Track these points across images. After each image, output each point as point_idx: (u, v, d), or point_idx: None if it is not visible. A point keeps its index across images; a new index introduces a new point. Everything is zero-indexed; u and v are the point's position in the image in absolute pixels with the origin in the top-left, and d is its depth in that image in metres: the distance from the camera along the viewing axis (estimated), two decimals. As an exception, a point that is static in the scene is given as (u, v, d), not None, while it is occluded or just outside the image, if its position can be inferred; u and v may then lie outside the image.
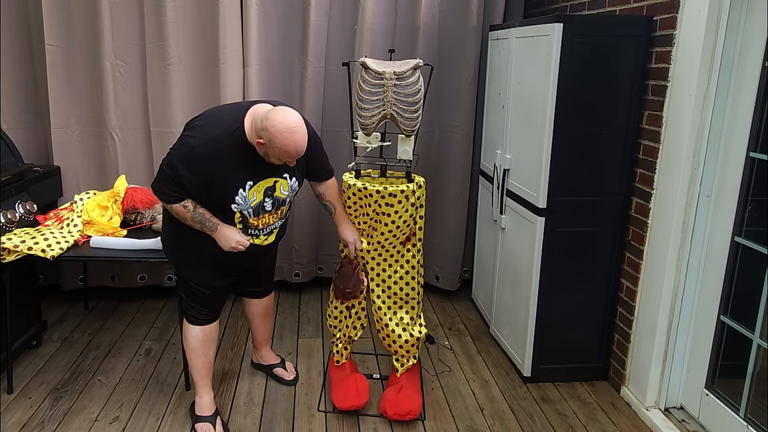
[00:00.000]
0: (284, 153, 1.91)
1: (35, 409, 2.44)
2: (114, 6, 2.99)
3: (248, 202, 2.06)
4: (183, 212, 2.04)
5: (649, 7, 2.37)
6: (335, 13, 3.19)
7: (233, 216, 2.07)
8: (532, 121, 2.53)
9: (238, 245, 2.08)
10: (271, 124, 1.87)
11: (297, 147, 1.91)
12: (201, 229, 2.07)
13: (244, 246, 2.09)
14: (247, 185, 2.03)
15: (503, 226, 2.88)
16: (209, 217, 2.06)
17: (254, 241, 2.16)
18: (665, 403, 2.46)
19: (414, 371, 2.58)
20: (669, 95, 2.27)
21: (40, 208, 2.80)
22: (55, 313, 3.29)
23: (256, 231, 2.15)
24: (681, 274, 2.33)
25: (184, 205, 2.02)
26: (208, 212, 2.06)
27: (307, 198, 3.34)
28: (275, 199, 2.14)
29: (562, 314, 2.64)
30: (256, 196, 2.07)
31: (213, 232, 2.07)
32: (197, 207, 2.04)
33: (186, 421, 2.38)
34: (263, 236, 2.19)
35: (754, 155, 2.06)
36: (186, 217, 2.05)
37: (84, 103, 3.12)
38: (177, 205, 2.02)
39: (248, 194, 2.05)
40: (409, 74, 2.22)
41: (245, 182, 2.03)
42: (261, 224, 2.15)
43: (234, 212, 2.06)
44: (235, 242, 2.07)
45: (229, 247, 2.08)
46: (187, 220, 2.05)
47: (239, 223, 2.10)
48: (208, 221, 2.06)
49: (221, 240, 2.08)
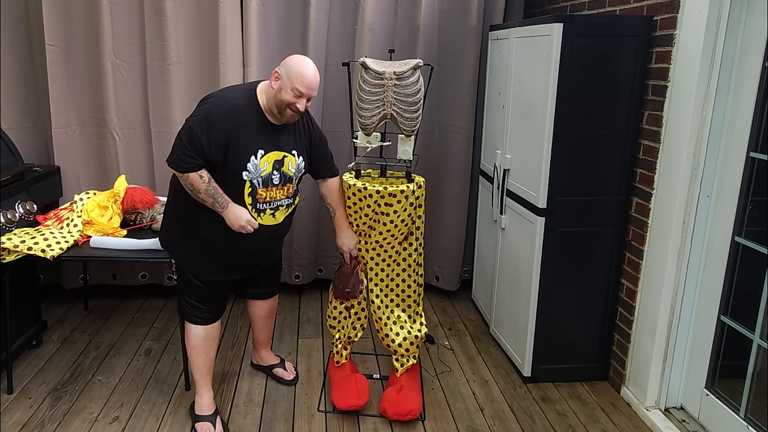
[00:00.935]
0: (299, 76, 2.01)
1: (35, 409, 2.44)
2: (114, 6, 2.99)
3: (258, 171, 2.10)
4: (198, 182, 2.05)
5: (649, 7, 2.37)
6: (335, 13, 3.19)
7: (243, 185, 2.09)
8: (532, 121, 2.52)
9: (247, 224, 2.10)
10: (291, 58, 2.08)
11: (311, 73, 2.03)
12: (212, 205, 2.08)
13: (253, 227, 2.12)
14: (258, 153, 2.09)
15: (503, 226, 2.88)
16: (221, 193, 2.09)
17: (261, 219, 2.16)
18: (665, 403, 2.46)
19: (414, 371, 2.58)
20: (669, 95, 2.27)
21: (40, 208, 2.80)
22: (55, 313, 3.29)
23: (264, 204, 2.16)
24: (681, 274, 2.33)
25: (200, 175, 2.05)
26: (220, 189, 2.08)
27: (307, 199, 3.34)
28: (282, 174, 2.17)
29: (562, 314, 2.64)
30: (266, 167, 2.12)
31: (224, 209, 2.09)
32: (212, 180, 2.07)
33: (186, 421, 2.38)
34: (269, 212, 2.19)
35: (754, 155, 2.05)
36: (200, 188, 2.06)
37: (84, 102, 3.12)
38: (194, 174, 2.04)
39: (259, 162, 2.09)
40: (409, 74, 2.22)
41: (257, 149, 2.08)
42: (269, 197, 2.16)
43: (245, 180, 2.09)
44: (245, 221, 2.10)
45: (239, 226, 2.10)
46: (200, 192, 2.06)
47: (249, 195, 2.11)
48: (221, 197, 2.08)
49: (231, 218, 2.10)
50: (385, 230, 2.34)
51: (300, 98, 2.04)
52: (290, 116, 2.10)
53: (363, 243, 2.43)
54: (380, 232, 2.36)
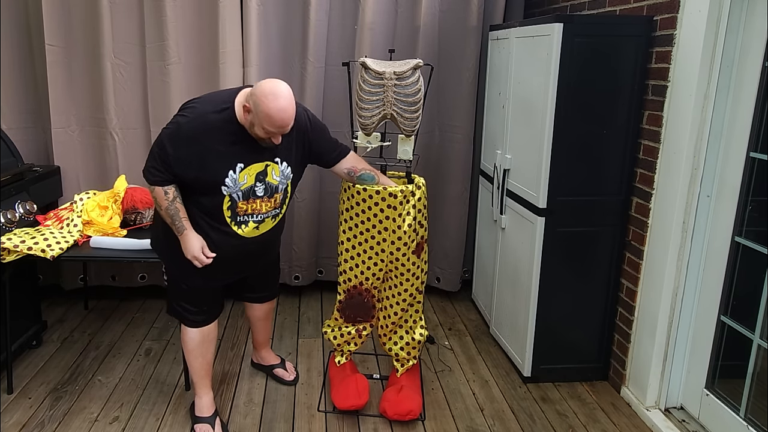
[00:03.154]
0: (267, 118, 1.86)
1: (35, 409, 2.44)
2: (114, 6, 2.99)
3: (238, 185, 2.01)
4: (161, 198, 2.00)
5: (649, 7, 2.37)
6: (335, 13, 3.19)
7: (222, 200, 2.02)
8: (532, 121, 2.52)
9: (196, 258, 2.01)
10: (259, 89, 1.88)
11: (280, 113, 1.86)
12: (171, 224, 2.03)
13: (201, 263, 2.03)
14: (237, 167, 2.00)
15: (503, 226, 2.88)
16: (182, 216, 2.02)
17: (242, 230, 2.09)
18: (665, 403, 2.46)
19: (414, 371, 2.58)
20: (669, 95, 2.27)
21: (40, 208, 2.80)
22: (55, 313, 3.29)
23: (245, 217, 2.08)
24: (681, 274, 2.33)
25: (165, 191, 2.00)
26: (183, 211, 2.02)
27: (307, 199, 3.34)
28: (267, 185, 2.09)
29: (562, 314, 2.64)
30: (247, 180, 2.03)
31: (180, 233, 2.02)
32: (176, 200, 2.01)
33: (186, 421, 2.38)
34: (252, 225, 2.11)
35: (755, 155, 2.05)
36: (162, 205, 2.02)
37: (84, 103, 3.12)
38: (159, 188, 2.00)
39: (238, 177, 2.01)
40: (409, 74, 2.22)
41: (235, 164, 1.99)
42: (251, 209, 2.08)
43: (224, 195, 2.01)
44: (197, 252, 2.01)
45: (190, 257, 2.03)
46: (161, 208, 2.03)
47: (228, 209, 2.04)
48: (179, 220, 2.01)
49: (184, 245, 2.03)
50: (395, 238, 2.28)
51: (274, 135, 1.94)
52: (270, 143, 1.99)
53: (375, 254, 2.34)
54: (392, 241, 2.29)
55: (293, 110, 1.93)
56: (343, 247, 2.39)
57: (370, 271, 2.38)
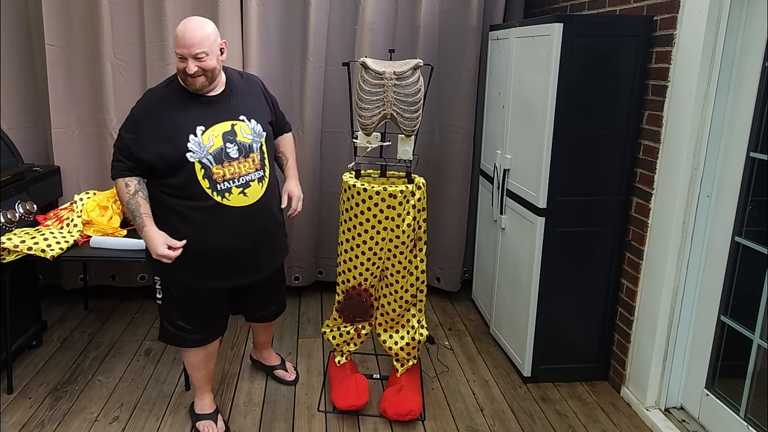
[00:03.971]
0: (176, 40, 1.90)
1: (35, 409, 2.44)
2: (114, 6, 2.99)
3: (204, 148, 1.96)
4: (122, 191, 1.99)
5: (649, 7, 2.37)
6: (335, 13, 3.19)
7: (194, 169, 1.95)
8: (532, 121, 2.52)
9: (162, 251, 1.92)
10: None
11: (185, 31, 1.90)
12: (132, 221, 2.00)
13: (170, 258, 1.94)
14: (197, 130, 1.97)
15: (503, 226, 2.88)
16: (144, 212, 1.97)
17: (228, 200, 2.00)
18: (665, 403, 2.46)
19: (414, 371, 2.58)
20: (669, 95, 2.27)
21: (40, 208, 2.80)
22: (55, 313, 3.29)
23: (226, 183, 1.99)
24: (681, 274, 2.33)
25: (126, 183, 1.98)
26: (146, 207, 1.99)
27: (306, 200, 3.32)
28: (240, 145, 2.03)
29: (562, 314, 2.64)
30: (213, 141, 1.98)
31: (140, 229, 1.97)
32: (138, 194, 1.98)
33: (186, 421, 2.38)
34: (237, 191, 2.01)
35: (755, 155, 2.05)
36: (123, 199, 2.00)
37: (84, 103, 3.12)
38: (120, 180, 1.99)
39: (202, 139, 1.96)
40: (409, 74, 2.22)
41: (194, 127, 1.97)
42: (229, 173, 1.99)
43: (192, 162, 1.95)
44: (159, 252, 1.92)
45: (156, 255, 1.95)
46: (123, 203, 2.01)
47: (204, 178, 1.96)
48: (140, 216, 1.97)
49: (147, 242, 1.97)
50: (394, 236, 2.29)
51: (184, 61, 1.91)
52: (196, 84, 1.95)
53: (373, 254, 2.33)
54: (390, 239, 2.30)
55: (203, 33, 1.92)
56: (342, 247, 2.39)
57: (369, 272, 2.38)
